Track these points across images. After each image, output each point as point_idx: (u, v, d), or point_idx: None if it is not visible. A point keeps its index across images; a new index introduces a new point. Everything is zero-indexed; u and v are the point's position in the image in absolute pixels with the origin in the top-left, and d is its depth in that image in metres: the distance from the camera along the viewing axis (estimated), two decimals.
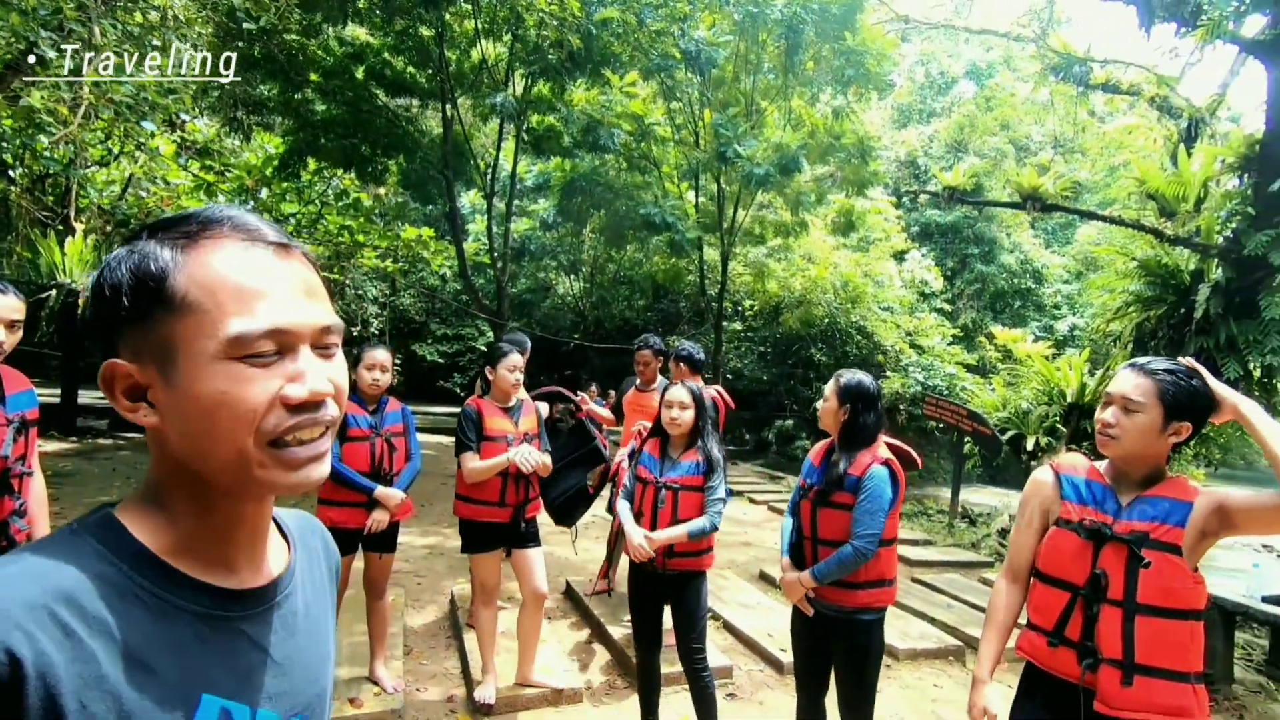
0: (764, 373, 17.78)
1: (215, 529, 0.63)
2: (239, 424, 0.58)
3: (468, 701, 3.35)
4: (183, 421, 0.58)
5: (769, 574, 5.72)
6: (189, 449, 0.59)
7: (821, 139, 12.99)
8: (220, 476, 0.60)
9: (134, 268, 0.57)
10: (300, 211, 11.67)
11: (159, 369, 0.57)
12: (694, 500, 2.79)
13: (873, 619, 2.39)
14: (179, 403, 0.58)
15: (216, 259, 0.58)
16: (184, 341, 0.57)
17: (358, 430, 3.10)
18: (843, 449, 2.41)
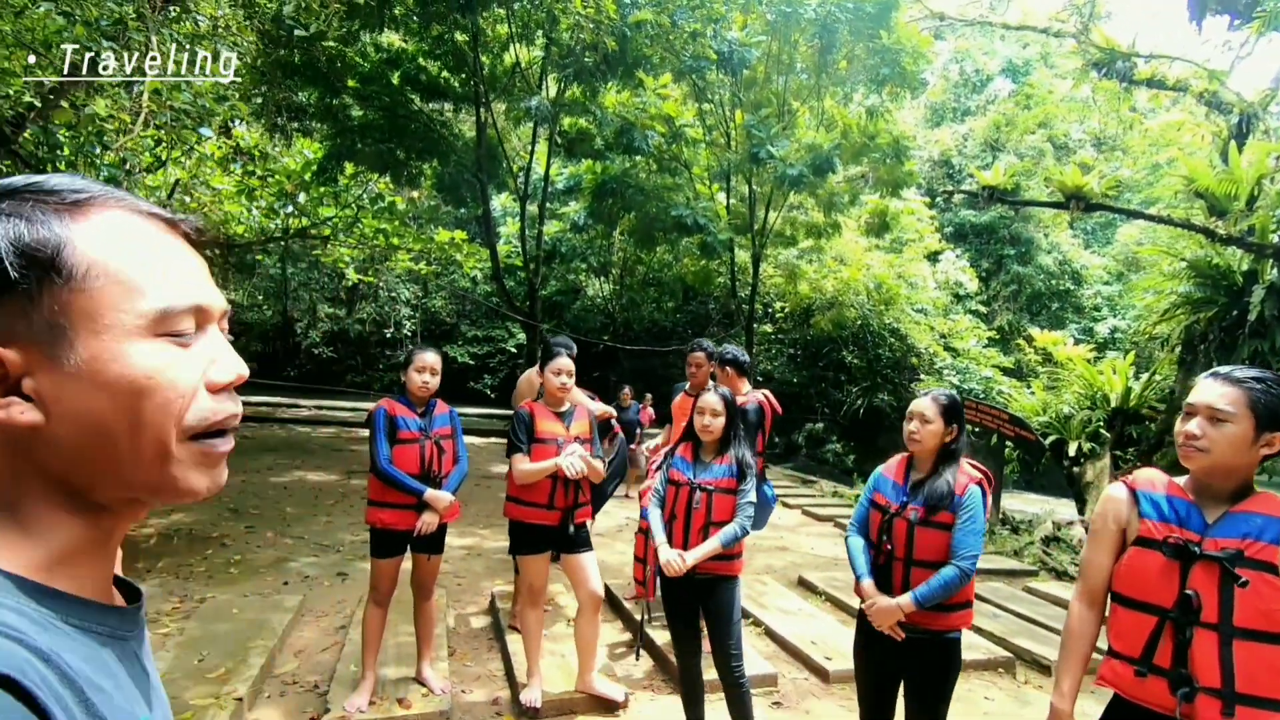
0: (794, 375, 17.64)
1: (93, 544, 0.53)
2: (166, 412, 0.50)
3: (513, 704, 3.35)
4: (85, 414, 0.48)
5: (808, 580, 5.65)
6: (90, 448, 0.49)
7: (855, 139, 12.85)
8: (129, 479, 0.51)
9: (15, 237, 0.47)
10: (337, 215, 11.87)
11: (46, 351, 0.47)
12: (728, 503, 2.78)
13: (957, 638, 2.34)
14: (81, 391, 0.48)
15: (120, 228, 0.51)
16: (90, 316, 0.48)
17: (407, 433, 3.13)
18: (944, 466, 2.34)
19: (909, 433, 2.36)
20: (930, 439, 2.34)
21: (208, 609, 4.16)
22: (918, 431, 2.34)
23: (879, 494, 2.43)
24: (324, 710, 3.08)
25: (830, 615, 4.88)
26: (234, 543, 5.77)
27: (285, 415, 14.84)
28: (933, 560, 2.27)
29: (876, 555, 2.38)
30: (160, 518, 6.27)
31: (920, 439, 2.34)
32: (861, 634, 2.49)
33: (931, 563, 2.27)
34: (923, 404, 2.37)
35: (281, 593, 4.64)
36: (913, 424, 2.35)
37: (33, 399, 0.48)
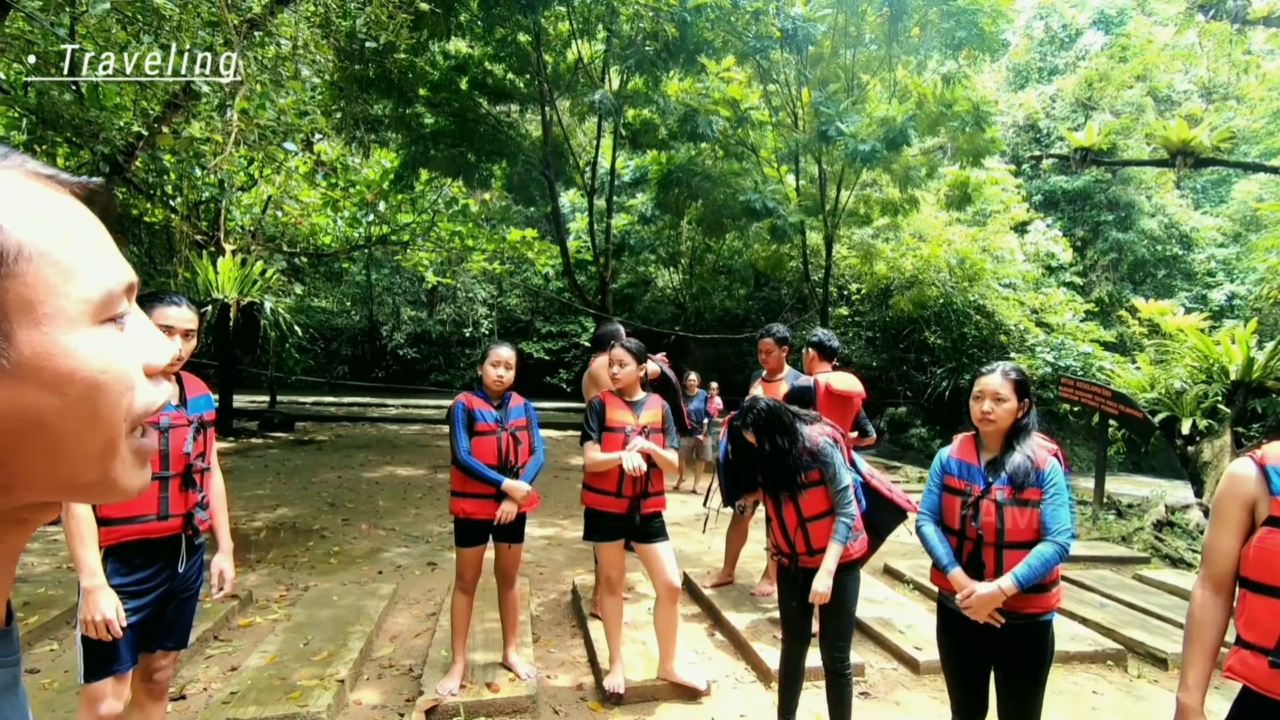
0: (873, 358, 17.09)
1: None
2: (119, 407, 0.45)
3: (597, 690, 3.41)
4: (24, 416, 0.42)
5: (895, 568, 5.47)
6: (30, 452, 0.43)
7: (930, 109, 12.24)
8: (65, 482, 0.45)
9: None
10: (415, 221, 12.34)
11: None
12: (813, 495, 2.73)
13: (1049, 621, 2.24)
14: (22, 392, 0.41)
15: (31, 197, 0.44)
16: (28, 305, 0.41)
17: (484, 425, 3.21)
18: (1018, 442, 2.24)
19: (982, 412, 2.24)
20: (1006, 417, 2.23)
21: (311, 596, 4.42)
22: (992, 411, 2.23)
23: (952, 477, 2.31)
24: (418, 693, 3.22)
25: (919, 604, 4.71)
26: (332, 535, 6.12)
27: (375, 414, 15.61)
28: (1025, 541, 2.17)
29: (960, 542, 2.27)
30: (267, 512, 6.73)
31: (995, 418, 2.23)
32: (944, 622, 2.39)
33: (1024, 543, 2.17)
34: (993, 381, 2.24)
35: (376, 581, 4.88)
36: (985, 403, 2.24)
37: None
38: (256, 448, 10.89)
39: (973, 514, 2.22)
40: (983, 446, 2.31)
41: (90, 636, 2.03)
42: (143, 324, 0.49)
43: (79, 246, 0.44)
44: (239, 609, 4.20)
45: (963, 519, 2.25)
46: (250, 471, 8.82)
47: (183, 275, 8.97)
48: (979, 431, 2.31)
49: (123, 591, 2.11)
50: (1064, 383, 8.48)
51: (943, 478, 2.35)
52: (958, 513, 2.26)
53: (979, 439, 2.33)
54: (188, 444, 2.28)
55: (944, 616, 2.39)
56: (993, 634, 2.23)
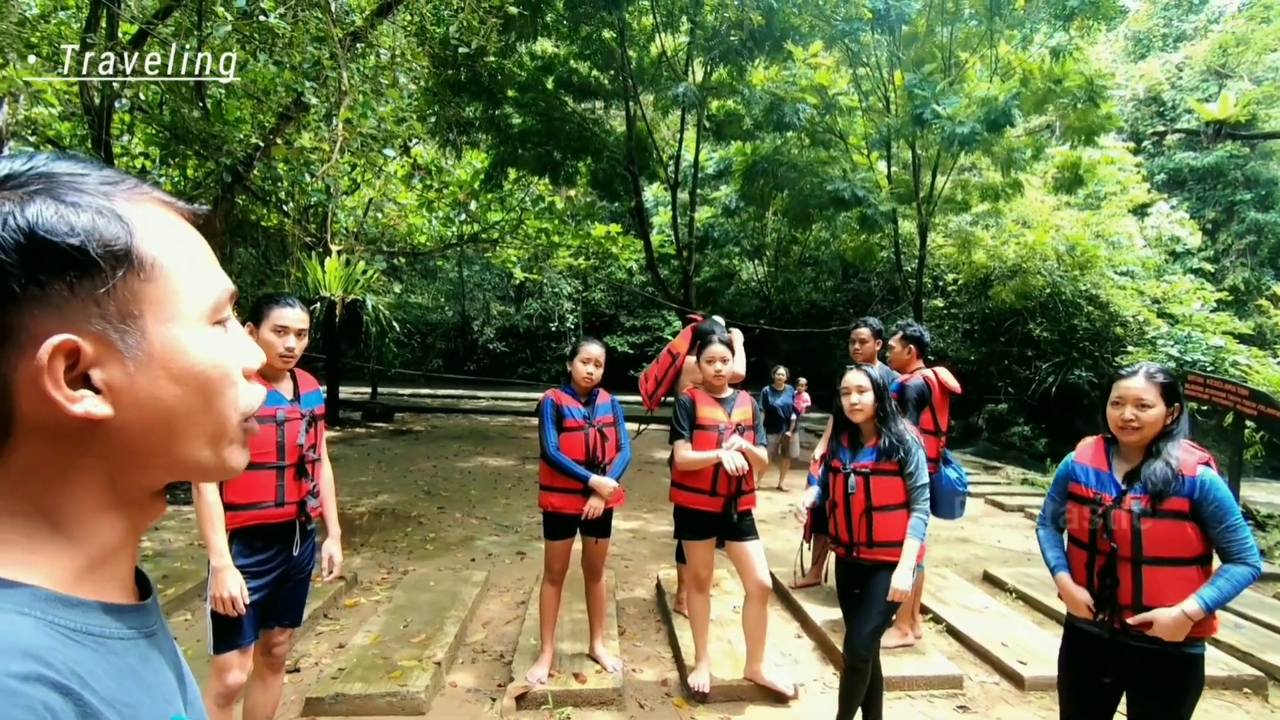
0: (971, 352, 16.23)
1: (126, 542, 0.53)
2: (228, 399, 0.52)
3: (682, 686, 3.41)
4: (154, 403, 0.48)
5: (996, 575, 5.18)
6: (155, 437, 0.49)
7: (1036, 85, 11.44)
8: (185, 465, 0.52)
9: (91, 226, 0.47)
10: (504, 219, 12.71)
11: (116, 342, 0.47)
12: (889, 486, 2.66)
13: (1200, 652, 2.01)
14: (152, 381, 0.48)
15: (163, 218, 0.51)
16: (159, 305, 0.49)
17: (573, 421, 3.27)
18: (1161, 446, 2.01)
19: (1123, 420, 2.01)
20: (1151, 426, 2.00)
21: (410, 580, 4.66)
22: (1135, 419, 2.00)
23: (1078, 485, 2.13)
24: (509, 679, 3.33)
25: (1023, 615, 4.44)
26: (428, 521, 6.42)
27: (467, 406, 16.25)
28: (1169, 557, 1.95)
29: (1090, 556, 2.09)
30: (369, 498, 7.13)
31: (1139, 426, 2.00)
32: (1073, 643, 2.20)
33: (1168, 560, 1.96)
34: (1135, 385, 2.02)
35: (469, 568, 5.08)
36: (1126, 410, 2.01)
37: (101, 391, 0.47)
38: (360, 437, 11.57)
39: (1104, 525, 2.03)
40: (1119, 454, 2.11)
41: (219, 612, 2.21)
42: (239, 331, 0.56)
43: (194, 261, 0.52)
44: (345, 589, 4.48)
45: (1092, 531, 2.06)
46: (354, 459, 9.37)
47: (294, 275, 9.62)
48: (1113, 436, 2.11)
49: (245, 572, 2.29)
50: (1191, 380, 7.76)
51: (1068, 485, 2.17)
52: (1086, 524, 2.08)
53: (1111, 444, 2.13)
54: (301, 436, 2.44)
55: (1073, 638, 2.20)
56: (1129, 658, 2.03)
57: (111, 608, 0.51)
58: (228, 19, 3.87)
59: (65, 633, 0.46)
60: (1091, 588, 2.08)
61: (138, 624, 0.53)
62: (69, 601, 0.48)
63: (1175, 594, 1.94)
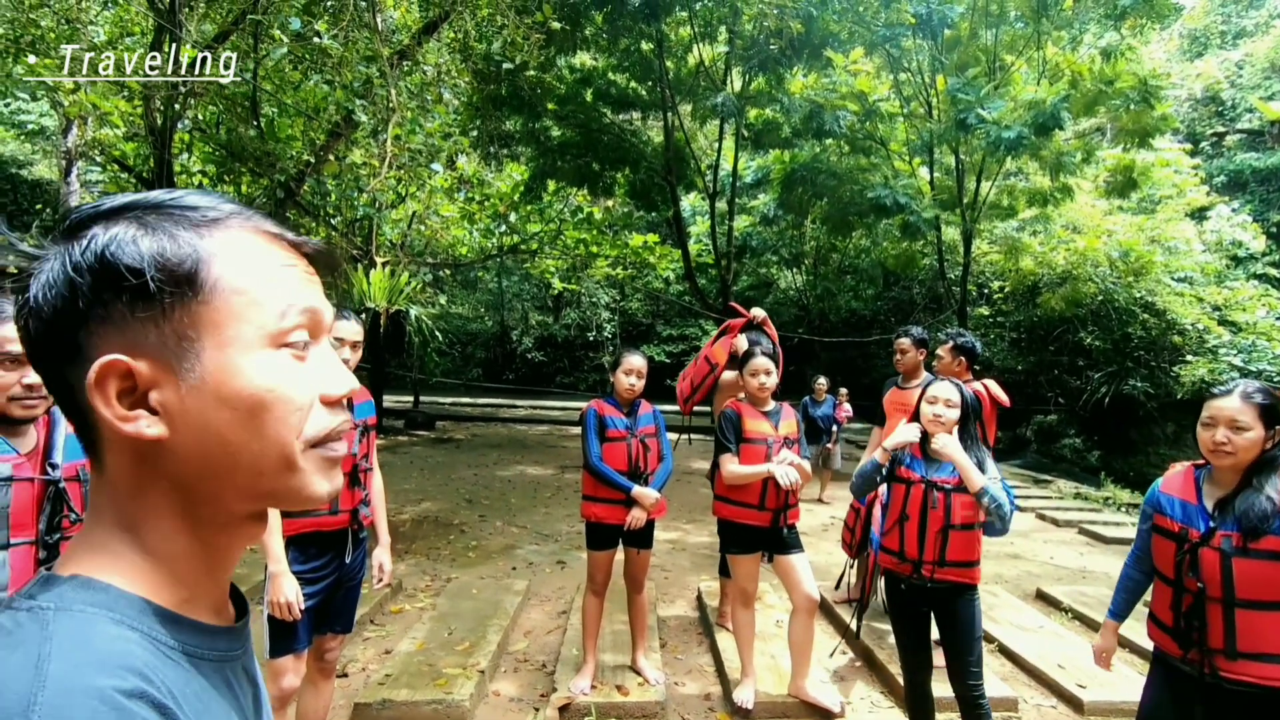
0: (1018, 361, 15.78)
1: (210, 561, 0.53)
2: (285, 425, 0.51)
3: (725, 701, 3.37)
4: (208, 427, 0.49)
5: (1049, 594, 5.00)
6: (215, 460, 0.49)
7: (1086, 87, 11.12)
8: (254, 489, 0.52)
9: (158, 251, 0.48)
10: (543, 230, 12.87)
11: (172, 364, 0.48)
12: (965, 503, 2.55)
13: None
14: (204, 404, 0.48)
15: (246, 244, 0.52)
16: (216, 328, 0.49)
17: (615, 431, 3.27)
18: (1260, 478, 1.85)
19: (1215, 443, 1.87)
20: (1247, 450, 1.85)
21: (453, 588, 4.71)
22: (1228, 442, 1.85)
23: (1163, 517, 2.00)
24: (552, 689, 3.34)
25: (1079, 636, 4.27)
26: (470, 529, 6.49)
27: (506, 415, 16.42)
28: (1267, 600, 1.78)
29: (1176, 594, 1.95)
30: (413, 506, 7.25)
31: (1233, 450, 1.85)
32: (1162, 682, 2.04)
33: (1264, 604, 1.79)
34: (1229, 405, 1.87)
35: (510, 577, 5.12)
36: (1219, 431, 1.87)
37: (158, 412, 0.48)
38: (403, 445, 11.79)
39: (1190, 563, 1.89)
40: (1210, 480, 1.96)
41: (276, 617, 2.27)
42: (328, 358, 0.55)
43: (267, 284, 0.52)
44: (391, 596, 4.55)
45: (1178, 567, 1.93)
46: (398, 467, 9.55)
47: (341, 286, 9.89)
48: (1207, 462, 1.97)
49: (300, 578, 2.34)
50: None
51: (1153, 517, 2.04)
52: (1172, 559, 1.95)
53: (1203, 471, 1.99)
54: (354, 446, 2.50)
55: (1164, 675, 2.04)
56: (1234, 708, 1.86)
57: (206, 628, 0.52)
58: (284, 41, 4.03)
59: (164, 650, 0.47)
60: (1178, 628, 1.94)
61: (227, 647, 0.54)
62: (169, 617, 0.49)
63: (1278, 639, 1.78)
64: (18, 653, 0.42)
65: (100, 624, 0.45)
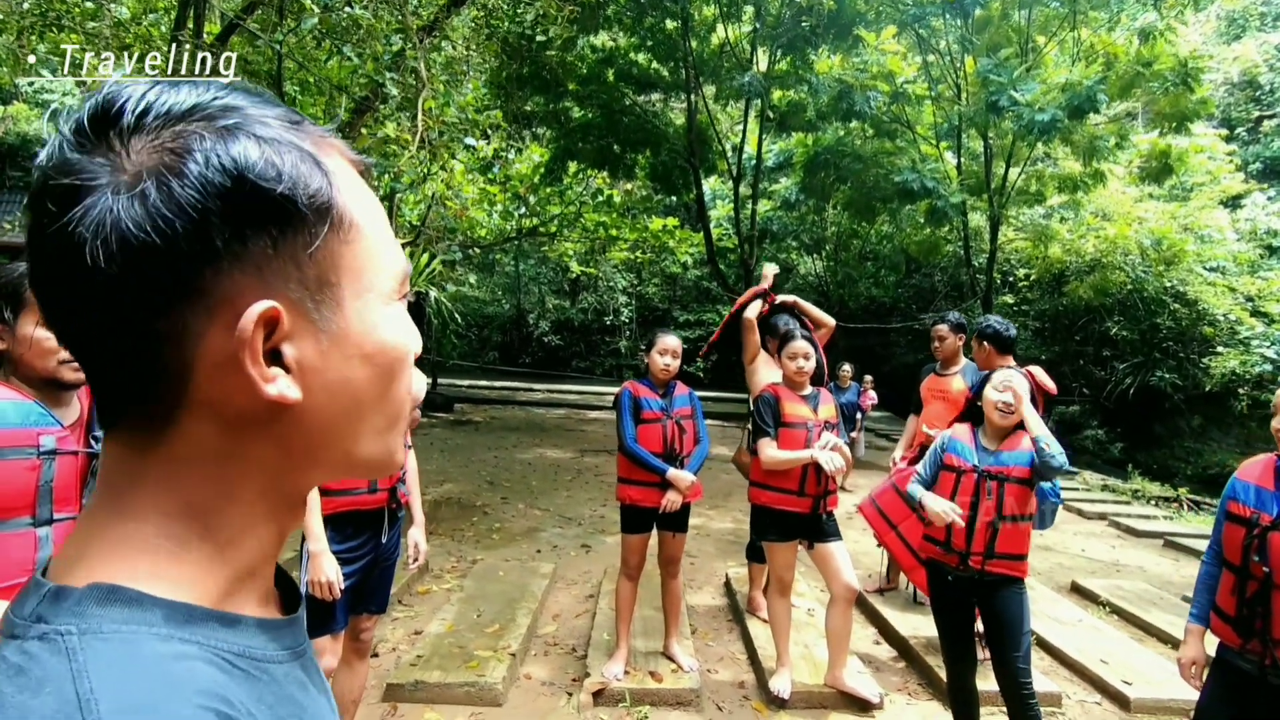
0: (1042, 351, 15.52)
1: (274, 551, 0.46)
2: (407, 380, 0.46)
3: (759, 689, 3.32)
4: (344, 386, 0.42)
5: (1086, 587, 4.89)
6: (339, 425, 0.43)
7: (1122, 69, 10.83)
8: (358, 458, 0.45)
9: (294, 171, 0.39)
10: (562, 212, 12.76)
11: (310, 313, 0.40)
12: (1018, 494, 2.46)
13: None
14: (344, 360, 0.42)
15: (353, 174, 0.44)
16: (356, 274, 0.42)
17: (650, 413, 3.20)
18: None
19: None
20: None
21: (479, 569, 4.68)
22: None
23: (1236, 504, 1.93)
24: (584, 673, 3.29)
25: (1119, 630, 4.18)
26: (493, 511, 6.47)
27: (523, 398, 16.42)
28: None
29: (1240, 581, 1.89)
30: (435, 487, 7.24)
31: None
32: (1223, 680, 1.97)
33: None
34: None
35: (536, 560, 5.08)
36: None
37: (291, 370, 0.40)
38: (422, 426, 11.80)
39: (1258, 547, 1.84)
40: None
41: (315, 596, 2.22)
42: (407, 314, 0.48)
43: (384, 227, 0.46)
44: (418, 577, 4.53)
45: (1245, 552, 1.88)
46: (419, 448, 9.50)
47: None
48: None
49: (338, 558, 2.29)
50: None
51: (1227, 504, 1.98)
52: (1240, 545, 1.89)
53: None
54: None
55: (1223, 673, 1.98)
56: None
57: (266, 624, 0.43)
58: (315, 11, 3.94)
59: (229, 659, 0.38)
60: (1240, 616, 1.89)
61: (291, 643, 0.45)
62: (225, 619, 0.40)
63: None
64: (46, 699, 0.32)
65: (146, 644, 0.36)
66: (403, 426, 0.47)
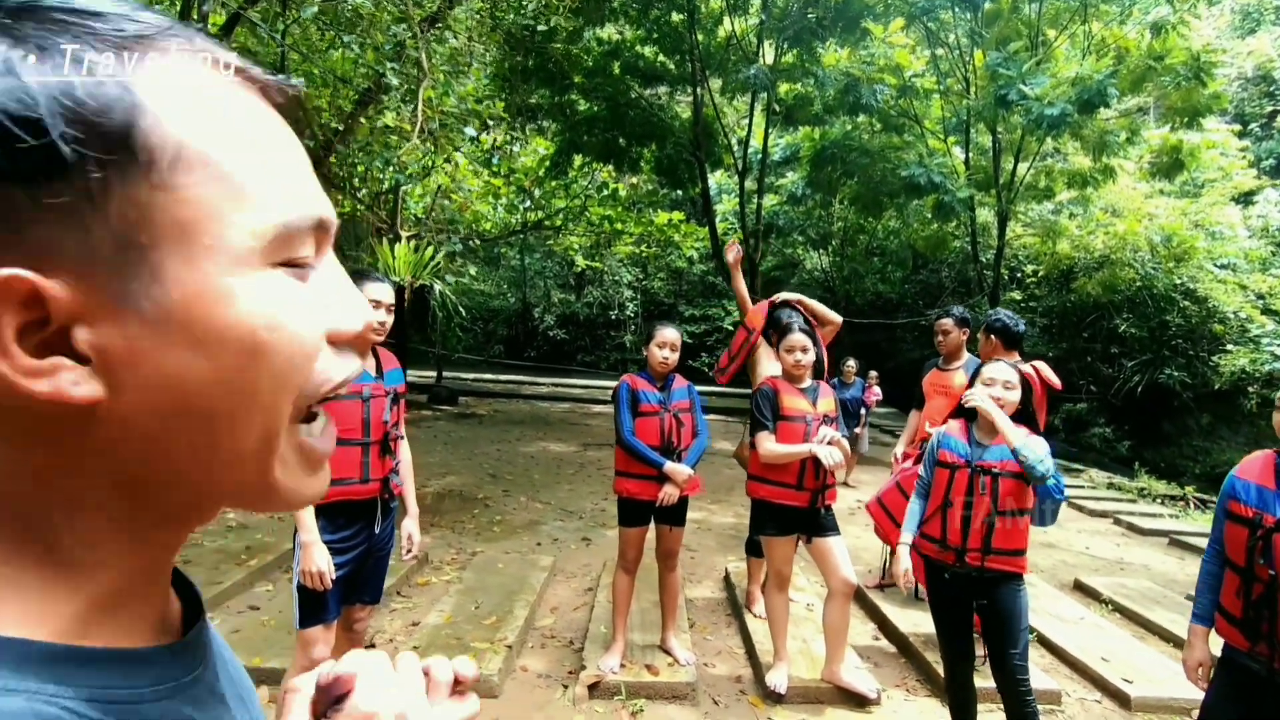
0: (1049, 348, 15.41)
1: (151, 571, 0.37)
2: (286, 379, 0.34)
3: (756, 684, 3.30)
4: (171, 383, 0.31)
5: (1088, 585, 4.85)
6: (173, 436, 0.32)
7: (1134, 63, 10.70)
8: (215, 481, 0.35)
9: (64, 87, 0.28)
10: (567, 206, 12.73)
11: (112, 285, 0.30)
12: (1013, 488, 2.43)
13: None
14: (168, 349, 0.31)
15: (207, 88, 0.32)
16: (183, 231, 0.31)
17: (648, 406, 3.18)
18: None
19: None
20: None
21: (479, 561, 4.68)
22: None
23: (1237, 503, 1.90)
24: (580, 666, 3.29)
25: (1121, 629, 4.14)
26: (494, 504, 6.47)
27: (528, 392, 16.43)
28: None
29: (1244, 583, 1.86)
30: (437, 479, 7.25)
31: None
32: (1230, 679, 1.94)
33: None
34: None
35: (536, 553, 5.08)
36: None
37: (89, 360, 0.30)
38: (426, 419, 11.82)
39: (1263, 549, 1.81)
40: None
41: (307, 587, 2.22)
42: (336, 280, 0.38)
43: (258, 162, 0.33)
44: (417, 568, 4.53)
45: (1249, 553, 1.84)
46: (421, 441, 9.57)
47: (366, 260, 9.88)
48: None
49: (330, 548, 2.29)
50: None
51: (1227, 503, 1.95)
52: (1244, 546, 1.86)
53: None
54: (386, 413, 2.43)
55: (1229, 672, 1.95)
56: None
57: (131, 657, 0.35)
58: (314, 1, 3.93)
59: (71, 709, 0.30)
60: (1247, 618, 1.85)
61: (166, 675, 0.36)
62: (74, 657, 0.32)
63: None
64: None
65: None
66: (281, 447, 0.36)
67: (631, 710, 3.01)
